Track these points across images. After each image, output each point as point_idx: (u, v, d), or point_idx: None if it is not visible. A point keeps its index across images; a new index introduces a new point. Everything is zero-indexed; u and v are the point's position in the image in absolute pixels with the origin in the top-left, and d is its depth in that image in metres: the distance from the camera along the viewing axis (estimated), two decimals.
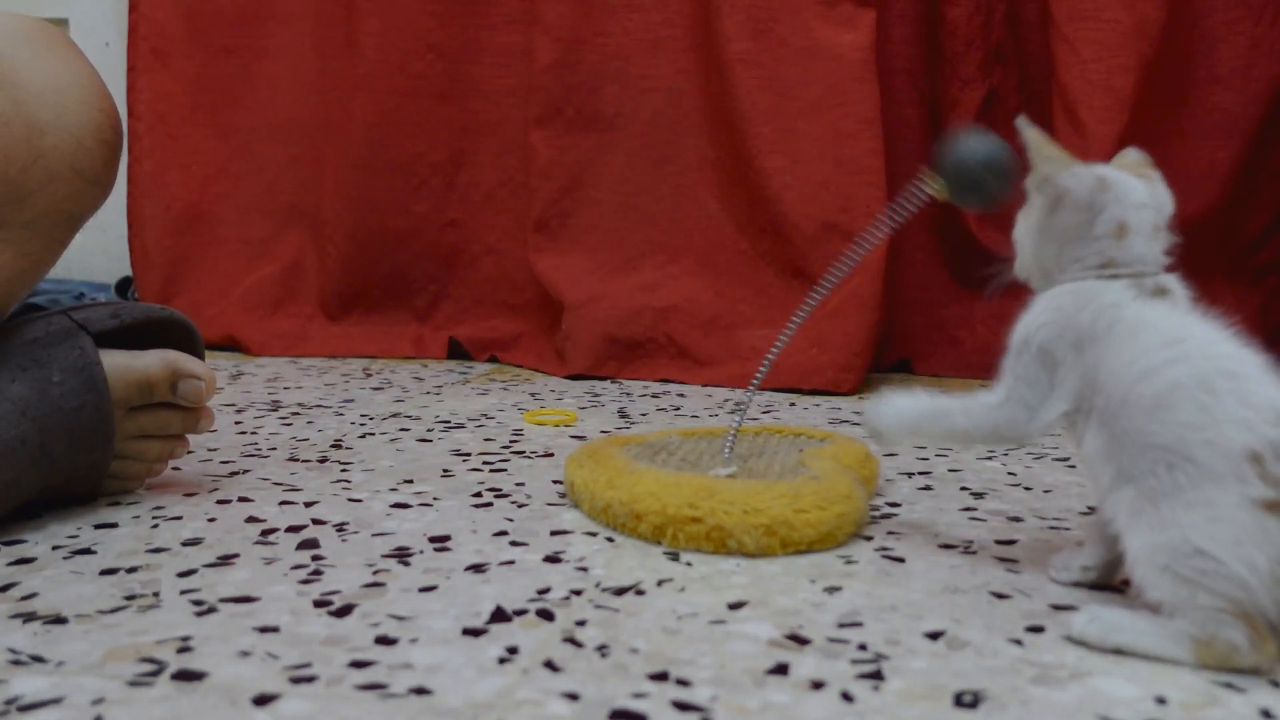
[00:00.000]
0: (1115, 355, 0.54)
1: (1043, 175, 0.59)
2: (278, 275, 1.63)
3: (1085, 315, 0.56)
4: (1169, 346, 0.53)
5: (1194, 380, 0.51)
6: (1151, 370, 0.52)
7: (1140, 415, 0.52)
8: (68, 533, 0.68)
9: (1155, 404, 0.51)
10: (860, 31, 1.33)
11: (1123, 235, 0.57)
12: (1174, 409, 0.50)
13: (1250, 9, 1.31)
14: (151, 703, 0.45)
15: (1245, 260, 1.37)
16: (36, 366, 0.68)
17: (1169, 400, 0.51)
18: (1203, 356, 0.52)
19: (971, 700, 0.46)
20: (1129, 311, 0.55)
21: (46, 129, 0.66)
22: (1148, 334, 0.54)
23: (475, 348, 1.51)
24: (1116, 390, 0.53)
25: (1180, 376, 0.51)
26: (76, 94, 0.69)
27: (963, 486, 0.82)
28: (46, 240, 0.69)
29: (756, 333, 1.35)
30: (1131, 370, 0.53)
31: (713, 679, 0.48)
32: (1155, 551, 0.50)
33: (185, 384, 0.74)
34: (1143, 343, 0.54)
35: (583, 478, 0.74)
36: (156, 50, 1.63)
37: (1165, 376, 0.51)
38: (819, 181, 1.34)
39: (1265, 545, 0.48)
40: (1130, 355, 0.54)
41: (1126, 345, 0.54)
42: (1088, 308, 0.56)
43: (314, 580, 0.60)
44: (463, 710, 0.45)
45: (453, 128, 1.54)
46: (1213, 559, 0.48)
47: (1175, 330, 0.54)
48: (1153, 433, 0.51)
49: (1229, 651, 0.49)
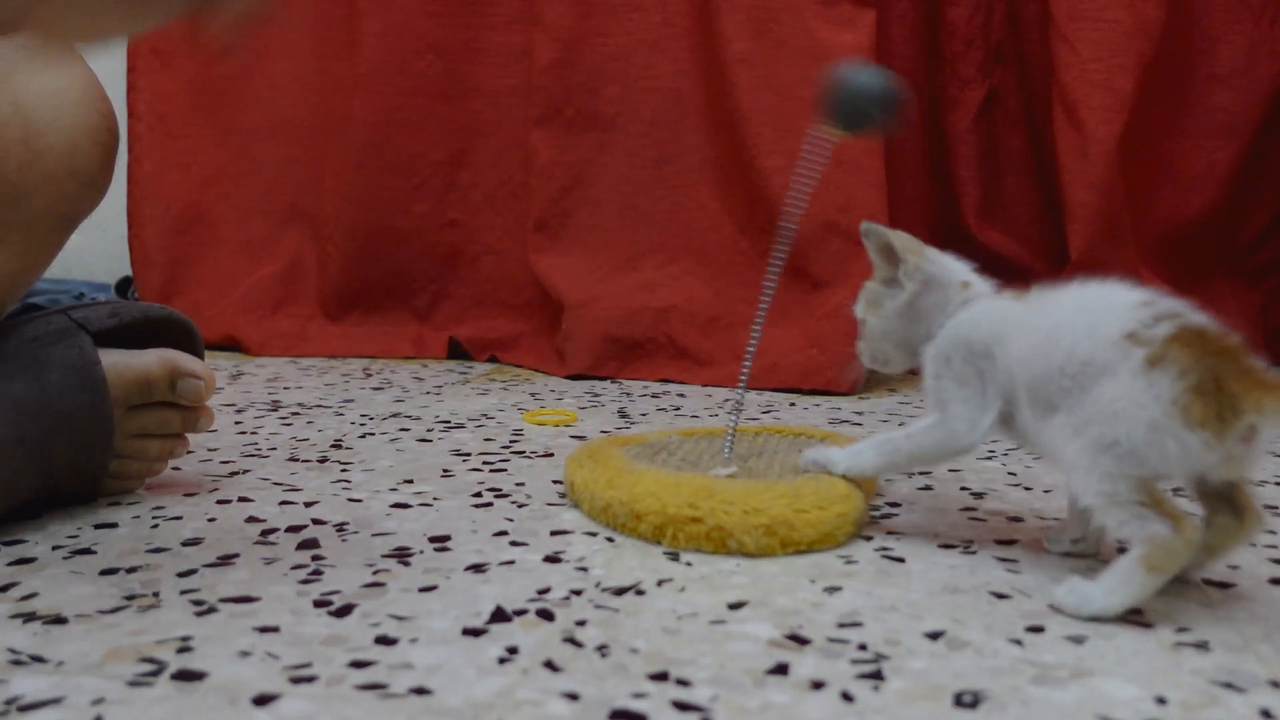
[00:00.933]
0: (1011, 344, 0.61)
1: (914, 263, 0.67)
2: (278, 275, 1.63)
3: (980, 331, 0.64)
4: (1042, 306, 0.61)
5: (1070, 312, 0.59)
6: (1037, 325, 0.60)
7: (1041, 359, 0.59)
8: (68, 533, 0.68)
9: (1047, 343, 0.58)
10: (860, 31, 1.33)
11: (966, 286, 0.67)
12: (1061, 335, 0.58)
13: (1250, 9, 1.31)
14: (151, 703, 0.45)
15: (1245, 260, 1.37)
16: (35, 365, 0.68)
17: (1055, 335, 0.58)
18: (1074, 294, 0.60)
19: (971, 700, 0.46)
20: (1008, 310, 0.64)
21: (44, 130, 0.67)
22: (1032, 309, 0.62)
23: (475, 348, 1.51)
24: (1023, 360, 0.60)
25: (1058, 317, 0.59)
26: (74, 96, 0.69)
27: (963, 486, 0.82)
28: (42, 241, 0.69)
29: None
30: (1024, 340, 0.60)
31: (713, 679, 0.48)
32: (1079, 457, 0.55)
33: (184, 383, 0.74)
34: (1020, 320, 0.62)
35: (583, 478, 0.74)
36: (156, 50, 1.63)
37: (1047, 323, 0.59)
38: (819, 181, 1.34)
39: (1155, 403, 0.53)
40: (1018, 334, 0.61)
41: (1013, 332, 0.62)
42: (979, 325, 0.64)
43: (314, 580, 0.60)
44: (463, 710, 0.45)
45: (453, 128, 1.54)
46: (1123, 446, 0.54)
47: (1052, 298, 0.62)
48: (1051, 364, 0.58)
49: (1164, 549, 0.53)
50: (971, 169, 1.41)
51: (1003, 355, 0.62)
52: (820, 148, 0.72)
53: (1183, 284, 1.34)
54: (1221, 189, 1.33)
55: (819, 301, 1.34)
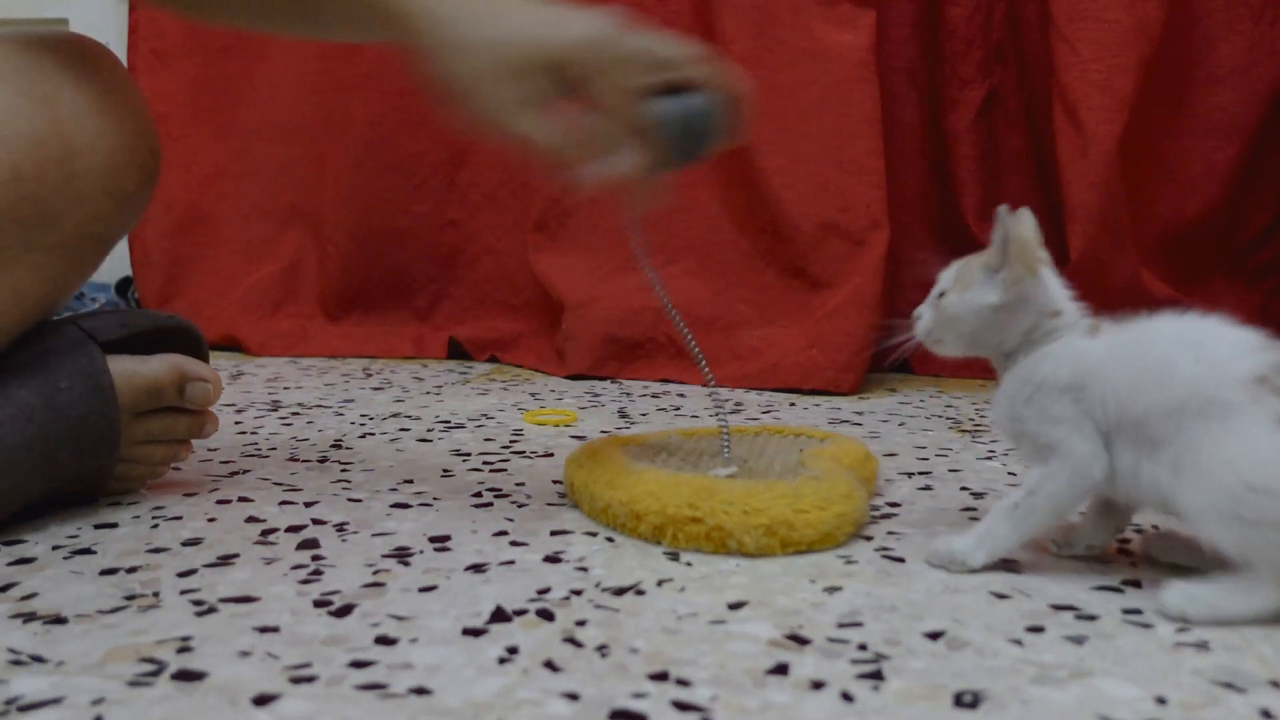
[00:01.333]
0: (1105, 377, 0.59)
1: (1016, 275, 0.62)
2: (278, 275, 1.63)
3: (1065, 370, 0.60)
4: (1140, 341, 0.59)
5: (1178, 343, 0.56)
6: (1140, 358, 0.57)
7: (1150, 389, 0.56)
8: (68, 533, 0.68)
9: (1159, 376, 0.56)
10: (860, 32, 1.33)
11: (1056, 315, 0.63)
12: (1176, 369, 0.55)
13: (1250, 9, 1.31)
14: (151, 703, 0.45)
15: (1245, 260, 1.37)
16: (45, 373, 0.68)
17: (1169, 366, 0.56)
18: (1172, 326, 0.58)
19: (971, 700, 0.46)
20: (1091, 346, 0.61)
21: (82, 150, 0.65)
22: (1119, 345, 0.59)
23: (475, 348, 1.51)
24: (1123, 393, 0.57)
25: (1164, 349, 0.57)
26: (116, 115, 0.68)
27: (963, 486, 0.82)
28: (74, 263, 0.68)
29: (756, 332, 1.35)
30: (1126, 371, 0.58)
31: (713, 679, 0.48)
32: (1215, 502, 0.53)
33: (193, 387, 0.74)
34: (1120, 353, 0.59)
35: (583, 478, 0.74)
36: (156, 50, 1.63)
37: (1152, 355, 0.57)
38: (819, 181, 1.34)
39: None
40: (1117, 364, 0.58)
41: (1107, 366, 0.59)
42: (1063, 363, 0.61)
43: (314, 580, 0.60)
44: (463, 710, 0.45)
45: (453, 127, 1.54)
46: (1267, 492, 0.52)
47: (1134, 329, 0.60)
48: (1168, 397, 0.55)
49: None
50: (971, 169, 1.41)
51: (1090, 395, 0.59)
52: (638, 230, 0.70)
53: (1183, 284, 1.34)
54: (1221, 189, 1.33)
55: (819, 301, 1.34)
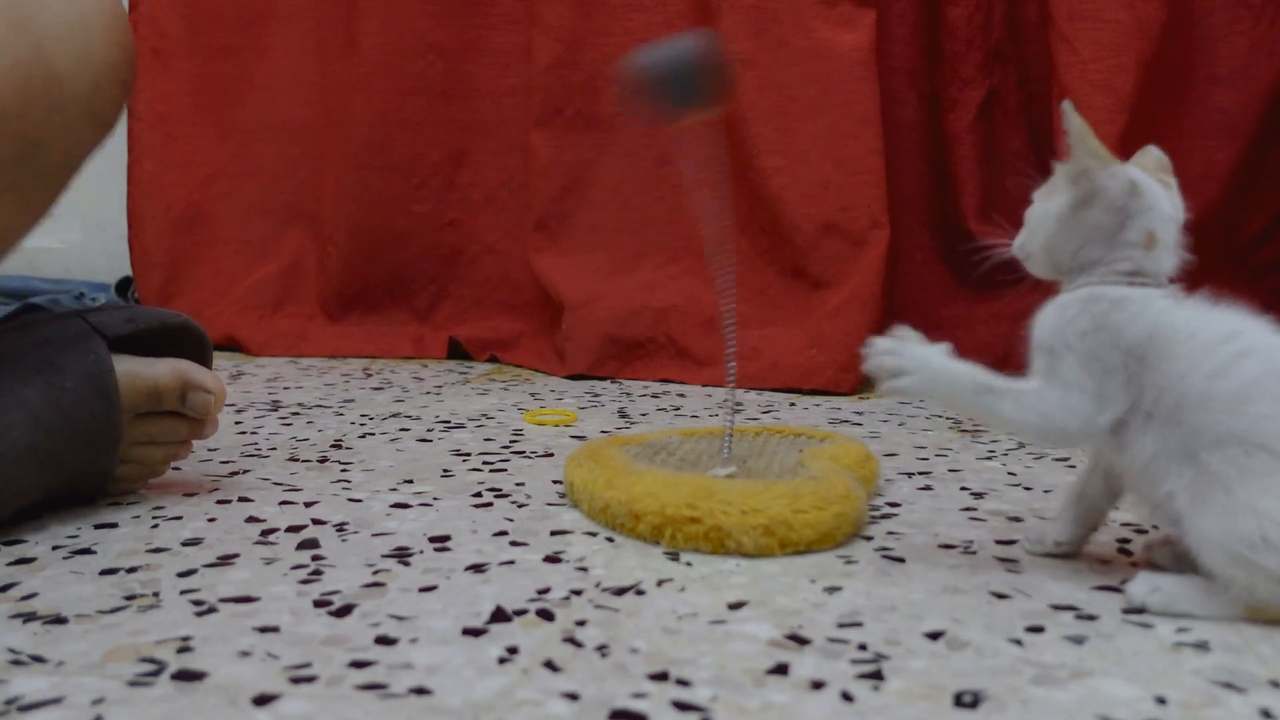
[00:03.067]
0: (1176, 358, 0.55)
1: (1081, 168, 0.58)
2: (278, 275, 1.63)
3: (1138, 327, 0.56)
4: (1230, 341, 0.54)
5: (1269, 373, 0.53)
6: (1223, 368, 0.53)
7: (1221, 410, 0.53)
8: (68, 533, 0.68)
9: (1236, 398, 0.53)
10: (860, 31, 1.33)
11: (1151, 245, 0.58)
12: (1254, 401, 0.52)
13: (1250, 9, 1.31)
14: (151, 703, 0.45)
15: (1245, 260, 1.37)
16: (50, 370, 0.68)
17: (1248, 394, 0.53)
18: (1266, 348, 0.54)
19: (971, 700, 0.46)
20: (1175, 317, 0.56)
21: (65, 76, 0.61)
22: (1204, 333, 0.55)
23: (475, 348, 1.51)
24: (1190, 390, 0.54)
25: (1255, 371, 0.53)
26: (99, 30, 0.63)
27: (963, 486, 0.82)
28: (52, 192, 0.65)
29: (756, 333, 1.35)
30: (1200, 369, 0.54)
31: (713, 679, 0.48)
32: (1228, 538, 0.52)
33: (194, 396, 0.74)
34: (1202, 342, 0.55)
35: (582, 478, 0.74)
36: (156, 50, 1.63)
37: (1239, 372, 0.53)
38: (819, 181, 1.34)
39: None
40: (1194, 356, 0.54)
41: (1184, 347, 0.55)
42: (1139, 319, 0.56)
43: (314, 580, 0.60)
44: (463, 710, 0.45)
45: (453, 128, 1.54)
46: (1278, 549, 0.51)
47: (1227, 325, 0.55)
48: (1231, 425, 0.52)
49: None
50: (971, 169, 1.41)
51: (1148, 371, 0.55)
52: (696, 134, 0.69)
53: (1183, 284, 1.34)
54: (1221, 189, 1.33)
55: (819, 301, 1.34)
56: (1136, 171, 0.59)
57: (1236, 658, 0.51)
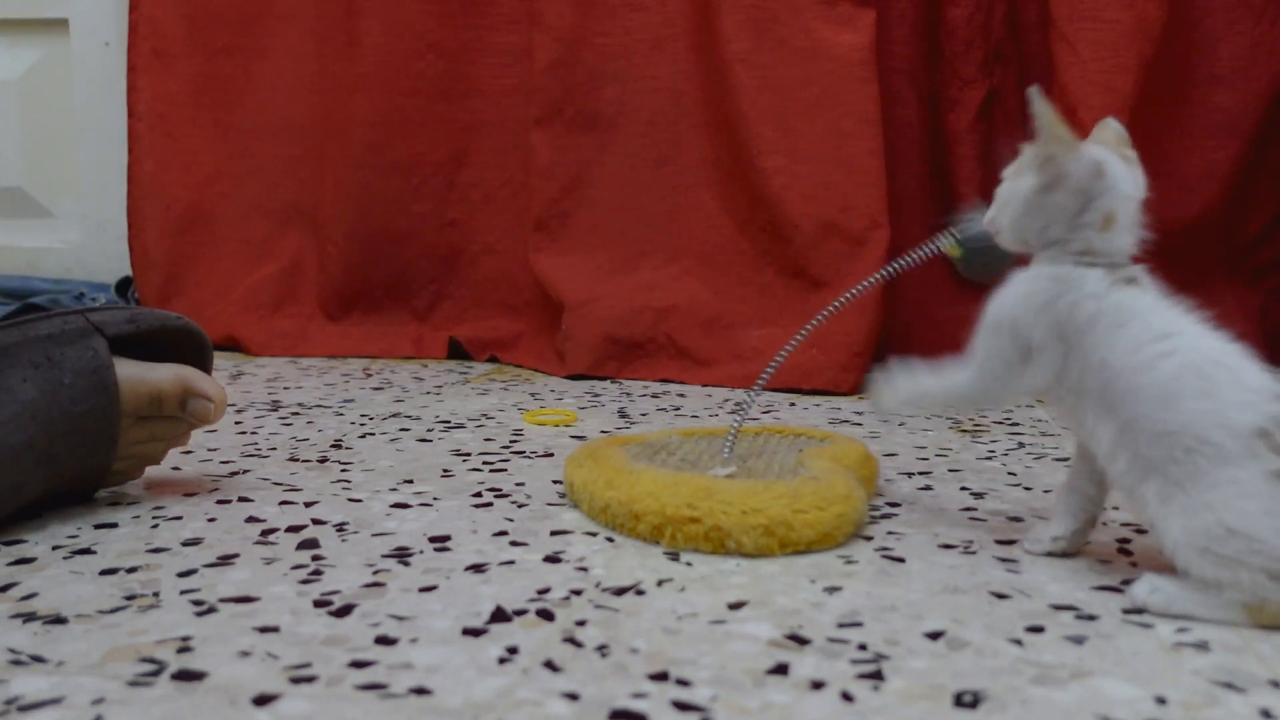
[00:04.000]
0: (1106, 345, 0.57)
1: (1047, 153, 0.59)
2: (278, 275, 1.63)
3: (1064, 302, 0.59)
4: (1160, 340, 0.56)
5: (1191, 369, 0.55)
6: (1148, 363, 0.56)
7: (1147, 403, 0.55)
8: (68, 533, 0.68)
9: (1162, 393, 0.55)
10: (860, 31, 1.33)
11: (1108, 226, 0.60)
12: (1180, 397, 0.54)
13: (1250, 9, 1.31)
14: (151, 703, 0.45)
15: (1245, 260, 1.37)
16: (49, 365, 0.67)
17: (1173, 389, 0.54)
18: (1192, 348, 0.56)
19: (971, 700, 0.46)
20: (1109, 301, 0.58)
21: None
22: (1136, 325, 0.57)
23: (475, 348, 1.51)
24: (1117, 379, 0.57)
25: (1177, 367, 0.55)
26: None
27: (963, 486, 0.82)
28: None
29: (756, 332, 1.35)
30: (1129, 361, 0.56)
31: (713, 679, 0.48)
32: (1192, 536, 0.53)
33: (195, 403, 0.74)
34: (1134, 334, 0.57)
35: (582, 478, 0.74)
36: (156, 50, 1.63)
37: (1163, 368, 0.55)
38: (819, 181, 1.34)
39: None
40: (1123, 345, 0.57)
41: (1116, 335, 0.57)
42: (1065, 295, 0.59)
43: (314, 580, 0.60)
44: (463, 710, 0.45)
45: (453, 128, 1.54)
46: (1245, 537, 0.52)
47: (1162, 323, 0.57)
48: (1163, 419, 0.54)
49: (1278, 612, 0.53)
50: (971, 169, 1.41)
51: (1079, 346, 0.58)
52: (932, 249, 0.73)
53: (1183, 284, 1.34)
54: (1221, 189, 1.33)
55: (819, 301, 1.34)
56: (1101, 151, 0.60)
57: (1236, 658, 0.51)
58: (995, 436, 1.01)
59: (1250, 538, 0.52)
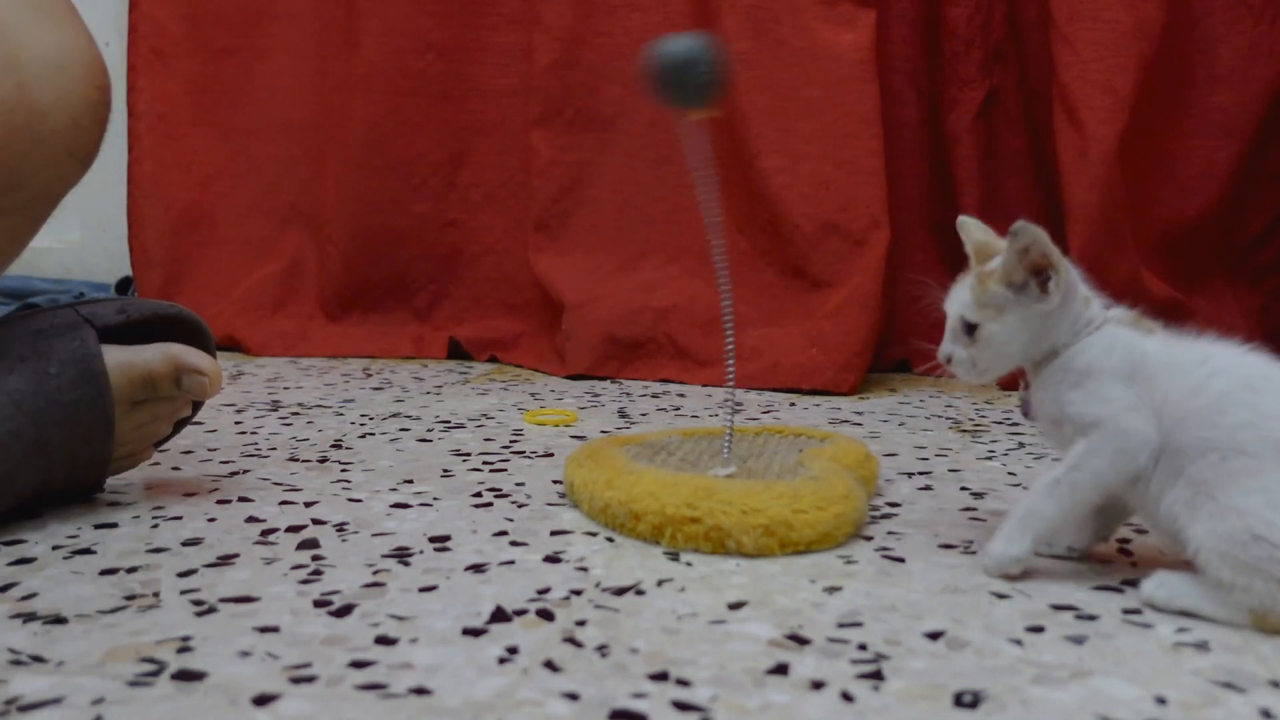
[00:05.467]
0: (1160, 383, 0.59)
1: (1065, 280, 0.61)
2: (278, 275, 1.63)
3: (1116, 356, 0.60)
4: (1203, 364, 0.58)
5: (1239, 385, 0.57)
6: (1199, 386, 0.57)
7: (1197, 425, 0.56)
8: (68, 533, 0.68)
9: (1211, 412, 0.56)
10: (860, 31, 1.33)
11: (1087, 304, 0.63)
12: (1226, 413, 0.56)
13: (1250, 9, 1.31)
14: (151, 703, 0.45)
15: (1245, 260, 1.37)
16: (35, 357, 0.68)
17: (1221, 406, 0.56)
18: (1236, 366, 0.58)
19: (971, 700, 0.46)
20: (1146, 345, 0.61)
21: (48, 112, 0.64)
22: (1180, 358, 0.59)
23: (475, 348, 1.51)
24: (1171, 411, 0.58)
25: (1225, 385, 0.57)
26: (78, 71, 0.66)
27: (963, 486, 0.82)
28: (32, 222, 0.68)
29: (756, 332, 1.35)
30: (1181, 390, 0.58)
31: (713, 679, 0.48)
32: (1216, 540, 0.54)
33: (190, 379, 0.73)
34: (1180, 365, 0.59)
35: (582, 478, 0.74)
36: (156, 50, 1.63)
37: (1212, 388, 0.57)
38: (819, 181, 1.34)
39: None
40: (1174, 379, 0.59)
41: (1165, 372, 0.59)
42: (1114, 350, 0.61)
43: (314, 580, 0.60)
44: (463, 710, 0.45)
45: (453, 128, 1.54)
46: (1269, 544, 0.53)
47: (1198, 350, 0.60)
48: (1209, 438, 0.56)
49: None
50: (971, 169, 1.41)
51: (1144, 392, 0.59)
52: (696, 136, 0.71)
53: (1183, 284, 1.34)
54: (1221, 189, 1.33)
55: (819, 301, 1.34)
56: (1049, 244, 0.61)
57: (1236, 658, 0.51)
58: (995, 436, 1.01)
59: (1274, 545, 0.53)
